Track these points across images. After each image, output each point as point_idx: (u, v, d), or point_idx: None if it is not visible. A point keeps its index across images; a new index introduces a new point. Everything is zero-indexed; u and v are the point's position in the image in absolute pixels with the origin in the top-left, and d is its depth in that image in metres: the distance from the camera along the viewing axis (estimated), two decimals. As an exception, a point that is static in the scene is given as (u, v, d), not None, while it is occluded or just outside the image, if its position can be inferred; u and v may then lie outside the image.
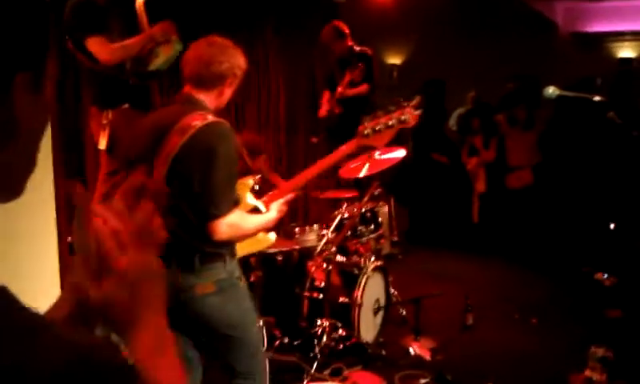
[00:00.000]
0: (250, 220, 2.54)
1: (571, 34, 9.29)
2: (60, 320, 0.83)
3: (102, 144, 3.53)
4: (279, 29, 6.85)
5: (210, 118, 2.42)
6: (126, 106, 3.67)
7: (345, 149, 2.68)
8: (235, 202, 2.46)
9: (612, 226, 5.52)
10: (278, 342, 3.99)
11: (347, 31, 5.92)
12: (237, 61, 2.55)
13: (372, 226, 4.72)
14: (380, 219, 4.91)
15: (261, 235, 2.75)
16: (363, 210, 4.56)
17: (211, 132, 2.39)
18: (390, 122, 2.52)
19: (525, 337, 4.56)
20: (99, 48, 3.52)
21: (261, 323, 3.65)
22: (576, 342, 4.17)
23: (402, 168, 5.99)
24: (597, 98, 3.31)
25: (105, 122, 3.53)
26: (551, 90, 3.24)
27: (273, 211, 2.62)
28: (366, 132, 2.56)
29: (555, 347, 4.32)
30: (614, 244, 5.46)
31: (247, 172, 4.55)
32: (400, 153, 4.31)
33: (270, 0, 6.54)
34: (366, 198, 4.57)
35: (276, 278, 4.16)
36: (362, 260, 4.31)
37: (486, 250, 6.62)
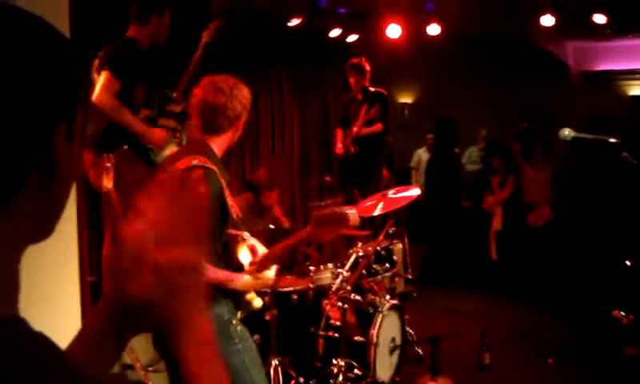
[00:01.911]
0: (209, 272, 2.40)
1: (582, 72, 9.36)
2: (81, 354, 0.85)
3: (109, 185, 3.51)
4: (293, 69, 6.97)
5: (195, 162, 2.40)
6: (125, 147, 3.65)
7: (301, 236, 2.72)
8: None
9: (628, 263, 5.47)
10: (293, 382, 3.97)
11: (368, 69, 6.05)
12: (244, 99, 2.57)
13: (387, 265, 4.72)
14: (395, 258, 4.91)
15: (249, 296, 2.70)
16: (378, 248, 4.57)
17: (186, 176, 2.36)
18: (333, 219, 2.50)
19: (541, 376, 4.51)
20: (105, 87, 3.49)
21: (276, 363, 3.65)
22: (594, 381, 4.12)
23: (416, 206, 6.03)
24: (612, 140, 3.33)
25: (109, 164, 3.49)
26: (567, 132, 3.27)
27: (245, 277, 2.55)
28: (317, 220, 2.52)
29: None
30: (630, 281, 5.40)
31: (259, 209, 4.61)
32: (414, 191, 4.34)
33: (284, 41, 6.67)
34: (380, 237, 4.58)
35: (291, 316, 4.16)
36: (378, 298, 4.31)
37: (502, 289, 6.57)
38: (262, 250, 2.69)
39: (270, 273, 2.78)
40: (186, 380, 0.80)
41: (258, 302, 2.70)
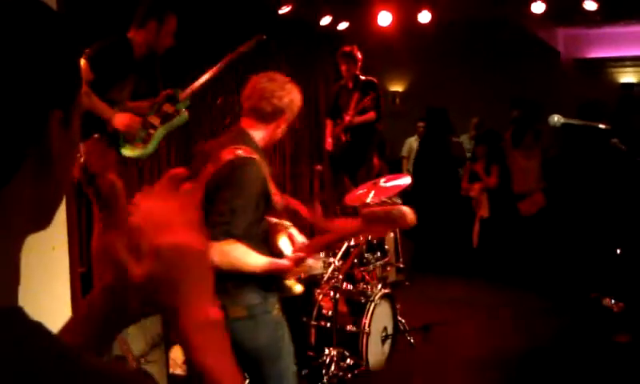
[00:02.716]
0: (251, 258, 2.48)
1: (573, 59, 9.37)
2: (72, 342, 0.84)
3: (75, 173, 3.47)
4: (283, 57, 6.94)
5: (240, 152, 2.49)
6: (96, 135, 3.62)
7: (350, 229, 2.70)
8: (232, 233, 2.42)
9: (618, 251, 5.51)
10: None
11: (360, 58, 6.03)
12: (295, 97, 2.66)
13: (378, 254, 4.72)
14: (386, 247, 4.91)
15: (290, 281, 2.75)
16: (369, 237, 4.57)
17: (232, 166, 2.46)
18: (383, 216, 2.49)
19: (533, 364, 4.53)
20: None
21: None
22: (584, 368, 4.14)
23: (406, 195, 6.02)
24: (601, 126, 3.33)
25: (77, 154, 3.46)
26: (556, 119, 3.26)
27: (285, 261, 2.59)
28: (366, 217, 2.52)
29: (564, 374, 4.29)
30: (621, 269, 5.44)
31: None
32: (405, 180, 4.34)
33: (273, 29, 6.62)
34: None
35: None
36: (369, 288, 4.31)
37: (494, 277, 6.60)
38: (300, 238, 2.75)
39: (310, 261, 2.83)
40: (192, 363, 0.79)
41: (298, 288, 2.77)
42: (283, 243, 2.68)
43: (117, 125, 3.68)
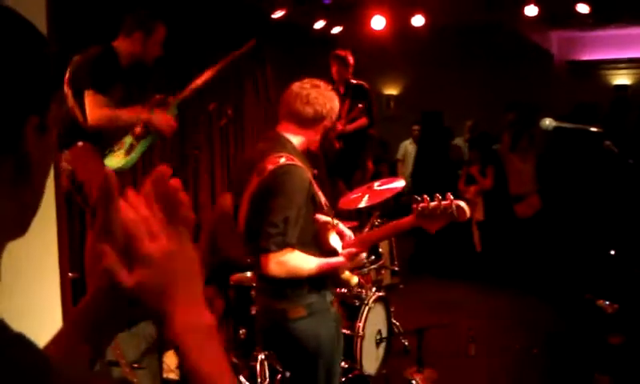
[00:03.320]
0: (308, 262, 2.53)
1: (566, 62, 9.40)
2: (61, 354, 0.83)
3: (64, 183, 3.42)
4: (277, 61, 6.94)
5: (282, 160, 2.52)
6: (80, 143, 3.54)
7: (403, 224, 2.63)
8: (288, 243, 2.47)
9: (612, 252, 5.51)
10: (279, 376, 3.96)
11: (352, 63, 6.03)
12: (335, 104, 2.70)
13: (373, 257, 4.72)
14: (380, 250, 4.91)
15: (345, 275, 2.78)
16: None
17: (277, 175, 2.50)
18: (439, 212, 2.49)
19: (527, 366, 4.54)
20: (92, 106, 3.44)
21: (262, 357, 3.64)
22: (578, 370, 4.15)
23: (402, 197, 6.03)
24: (593, 129, 3.34)
25: (64, 164, 3.42)
26: (548, 122, 3.26)
27: (340, 257, 2.63)
28: (419, 213, 2.50)
29: (558, 376, 4.30)
30: (614, 271, 5.45)
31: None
32: (399, 183, 4.34)
33: (268, 33, 6.63)
34: (366, 229, 4.58)
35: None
36: (364, 291, 4.30)
37: (488, 279, 6.60)
38: (348, 233, 2.79)
39: (363, 254, 2.87)
40: (186, 367, 0.79)
41: (354, 280, 2.81)
42: (334, 240, 2.70)
43: (157, 124, 3.66)
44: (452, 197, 2.44)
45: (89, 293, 0.85)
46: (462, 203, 2.45)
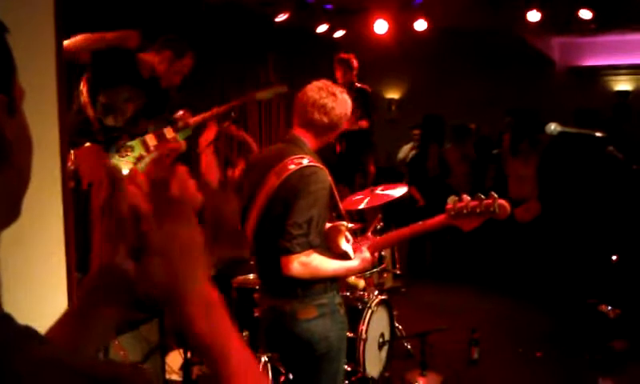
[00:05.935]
0: (328, 264, 2.56)
1: (568, 68, 9.41)
2: (63, 340, 0.84)
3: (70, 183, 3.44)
4: (280, 65, 6.96)
5: (305, 162, 2.54)
6: (87, 144, 3.56)
7: (433, 222, 2.64)
8: (311, 244, 2.49)
9: (615, 257, 5.52)
10: (282, 379, 3.95)
11: (356, 66, 6.06)
12: (347, 110, 2.71)
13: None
14: (383, 253, 4.91)
15: (352, 279, 2.80)
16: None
17: (301, 175, 2.52)
18: (479, 210, 2.50)
19: (530, 370, 4.54)
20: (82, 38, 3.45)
21: (265, 359, 3.63)
22: (581, 375, 4.15)
23: (404, 201, 6.02)
24: (598, 134, 3.35)
25: (70, 165, 3.43)
26: (553, 127, 3.28)
27: (357, 260, 2.65)
28: (452, 212, 2.51)
29: (561, 381, 4.29)
30: (617, 276, 5.45)
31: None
32: (401, 190, 4.36)
33: (271, 37, 6.65)
34: (369, 232, 4.58)
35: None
36: (366, 294, 4.30)
37: (491, 283, 6.60)
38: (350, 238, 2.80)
39: (361, 282, 2.88)
40: (200, 347, 0.80)
41: (362, 283, 2.82)
42: (344, 243, 2.71)
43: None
44: (496, 195, 2.45)
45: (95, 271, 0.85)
46: (503, 201, 2.46)
